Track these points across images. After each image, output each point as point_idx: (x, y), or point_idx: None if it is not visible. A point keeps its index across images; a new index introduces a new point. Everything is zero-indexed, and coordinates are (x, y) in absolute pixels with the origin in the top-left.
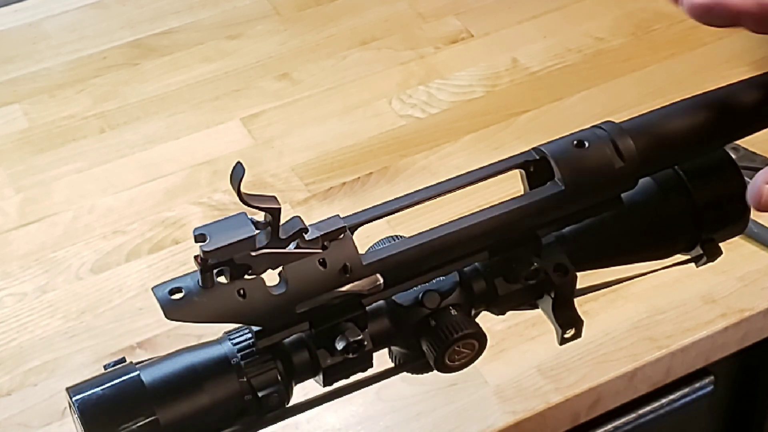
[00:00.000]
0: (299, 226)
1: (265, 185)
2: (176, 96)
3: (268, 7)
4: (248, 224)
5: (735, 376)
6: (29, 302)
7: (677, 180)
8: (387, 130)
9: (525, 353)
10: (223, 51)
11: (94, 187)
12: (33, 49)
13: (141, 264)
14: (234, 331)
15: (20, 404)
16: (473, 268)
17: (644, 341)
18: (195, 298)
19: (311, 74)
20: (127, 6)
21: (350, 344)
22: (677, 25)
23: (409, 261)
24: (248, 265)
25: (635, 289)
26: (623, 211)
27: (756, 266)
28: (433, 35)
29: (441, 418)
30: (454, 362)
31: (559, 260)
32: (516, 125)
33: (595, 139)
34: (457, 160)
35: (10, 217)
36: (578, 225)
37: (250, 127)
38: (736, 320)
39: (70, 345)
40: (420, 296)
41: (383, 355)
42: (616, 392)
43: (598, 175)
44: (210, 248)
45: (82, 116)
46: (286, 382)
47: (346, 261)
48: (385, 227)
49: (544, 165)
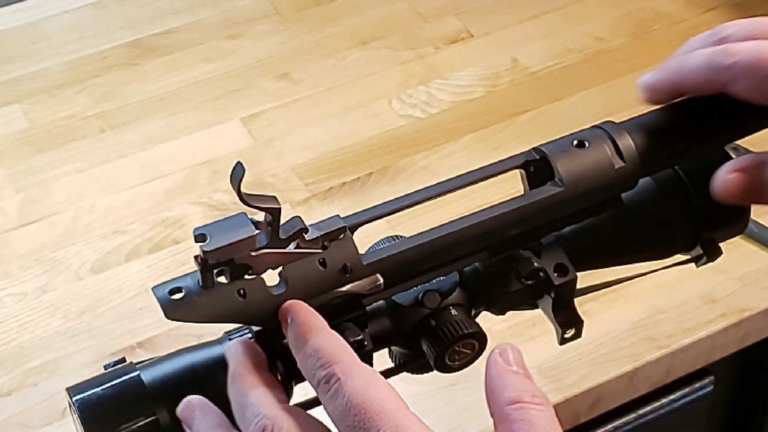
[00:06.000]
0: (299, 226)
1: (265, 185)
2: (176, 96)
3: (268, 7)
4: (248, 224)
5: (735, 376)
6: (29, 302)
7: (677, 180)
8: (387, 130)
9: (525, 353)
10: (223, 51)
11: (94, 187)
12: (33, 49)
13: (141, 264)
14: (234, 331)
15: (20, 404)
16: (473, 268)
17: (644, 341)
18: (195, 298)
19: (311, 74)
20: (127, 6)
21: (350, 344)
22: (677, 25)
23: (409, 261)
24: (248, 265)
25: (635, 289)
26: (623, 211)
27: (756, 266)
28: (433, 35)
29: (441, 418)
30: (454, 362)
31: (559, 260)
32: (516, 125)
33: (595, 139)
34: (457, 160)
35: (10, 217)
36: (578, 225)
37: (250, 127)
38: (736, 320)
39: (70, 345)
40: (420, 296)
41: (383, 355)
42: (616, 392)
43: (598, 175)
44: (210, 248)
45: (82, 116)
46: (286, 382)
47: (346, 261)
48: (385, 227)
49: (544, 165)
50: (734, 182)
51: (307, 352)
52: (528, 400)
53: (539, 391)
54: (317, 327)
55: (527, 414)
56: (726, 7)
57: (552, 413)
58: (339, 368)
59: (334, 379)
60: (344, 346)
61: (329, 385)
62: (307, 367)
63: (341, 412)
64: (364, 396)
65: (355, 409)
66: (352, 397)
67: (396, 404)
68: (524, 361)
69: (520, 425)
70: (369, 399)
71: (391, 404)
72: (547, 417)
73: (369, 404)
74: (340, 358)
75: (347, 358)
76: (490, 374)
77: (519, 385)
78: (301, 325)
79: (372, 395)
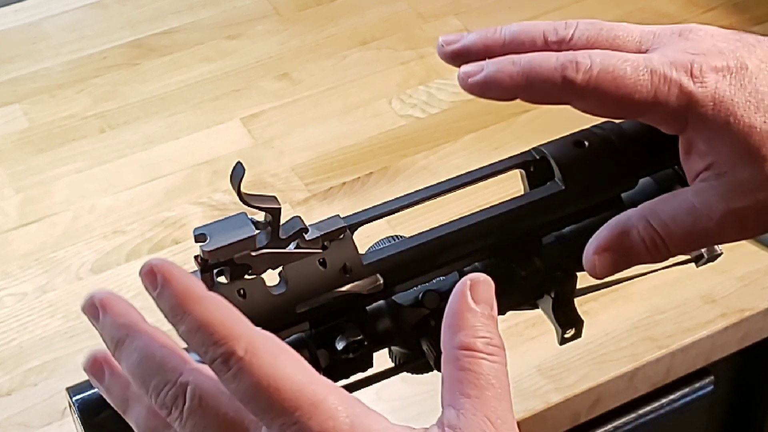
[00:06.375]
0: (299, 226)
1: (265, 185)
2: (176, 96)
3: (268, 7)
4: (248, 224)
5: (735, 376)
6: (29, 302)
7: (677, 180)
8: (387, 130)
9: (525, 353)
10: (223, 51)
11: (94, 187)
12: (33, 49)
13: (141, 264)
14: None
15: (20, 404)
16: (473, 268)
17: (644, 341)
18: None
19: (311, 74)
20: (127, 6)
21: (350, 344)
22: None
23: (409, 261)
24: (248, 265)
25: (635, 289)
26: (623, 211)
27: (756, 266)
28: (433, 35)
29: None
30: None
31: (559, 260)
32: (516, 125)
33: (595, 139)
34: (457, 160)
35: (10, 217)
36: (578, 225)
37: (250, 127)
38: (736, 320)
39: (70, 345)
40: (420, 296)
41: (383, 355)
42: (616, 392)
43: (598, 175)
44: (210, 248)
45: (82, 116)
46: None
47: (346, 261)
48: (385, 227)
49: (544, 165)
50: (603, 263)
51: (191, 326)
52: (481, 349)
53: (497, 339)
54: (198, 294)
55: (476, 364)
56: (726, 7)
57: (503, 366)
58: (238, 344)
59: (234, 358)
60: (236, 314)
61: (228, 365)
62: (194, 344)
63: (248, 395)
64: (273, 375)
65: (265, 391)
66: (261, 378)
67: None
68: (493, 299)
69: (466, 374)
70: (280, 378)
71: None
72: (496, 369)
73: (282, 383)
74: (236, 331)
75: (245, 331)
76: (451, 307)
77: (477, 330)
78: (179, 292)
79: (282, 372)
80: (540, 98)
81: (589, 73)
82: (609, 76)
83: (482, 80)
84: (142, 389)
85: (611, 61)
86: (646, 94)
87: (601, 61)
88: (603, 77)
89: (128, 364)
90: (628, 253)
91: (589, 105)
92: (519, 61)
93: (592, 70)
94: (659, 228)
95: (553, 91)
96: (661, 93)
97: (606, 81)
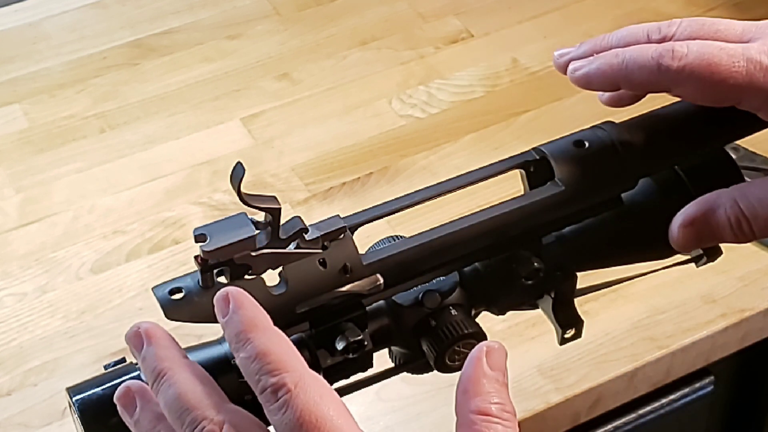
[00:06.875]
0: (299, 226)
1: (265, 185)
2: (176, 96)
3: (268, 7)
4: (248, 224)
5: (735, 376)
6: (29, 302)
7: (677, 180)
8: (387, 130)
9: (525, 353)
10: (223, 51)
11: (94, 187)
12: (33, 49)
13: (141, 264)
14: None
15: (20, 404)
16: (473, 268)
17: (644, 341)
18: (195, 298)
19: (311, 74)
20: (127, 6)
21: (350, 344)
22: None
23: (409, 261)
24: (248, 265)
25: (635, 289)
26: (623, 211)
27: (756, 266)
28: (433, 35)
29: (441, 418)
30: (454, 362)
31: (559, 260)
32: (516, 125)
33: (595, 139)
34: (457, 160)
35: (10, 217)
36: (578, 225)
37: (250, 127)
38: (736, 320)
39: (70, 345)
40: (420, 296)
41: (383, 355)
42: (616, 392)
43: (598, 175)
44: (210, 248)
45: (82, 116)
46: None
47: (346, 261)
48: (385, 227)
49: (544, 165)
50: (687, 237)
51: (251, 354)
52: (496, 414)
53: (510, 405)
54: (263, 325)
55: (492, 428)
56: (726, 7)
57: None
58: (290, 378)
59: (284, 390)
60: (293, 350)
61: (277, 396)
62: (249, 371)
63: (289, 427)
64: (316, 413)
65: (306, 426)
66: (304, 414)
67: (347, 422)
68: (505, 365)
69: None
70: (322, 417)
71: (344, 421)
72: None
73: (322, 423)
74: (290, 365)
75: (298, 367)
76: (466, 372)
77: (491, 395)
78: (246, 320)
79: (324, 412)
80: (639, 86)
81: (685, 60)
82: (704, 63)
83: (587, 72)
84: (177, 423)
85: (707, 49)
86: (741, 80)
87: (697, 49)
88: (698, 64)
89: (166, 396)
90: (712, 231)
91: (686, 91)
92: (622, 53)
93: (688, 57)
94: (746, 210)
95: (650, 78)
96: (756, 80)
97: (701, 67)
